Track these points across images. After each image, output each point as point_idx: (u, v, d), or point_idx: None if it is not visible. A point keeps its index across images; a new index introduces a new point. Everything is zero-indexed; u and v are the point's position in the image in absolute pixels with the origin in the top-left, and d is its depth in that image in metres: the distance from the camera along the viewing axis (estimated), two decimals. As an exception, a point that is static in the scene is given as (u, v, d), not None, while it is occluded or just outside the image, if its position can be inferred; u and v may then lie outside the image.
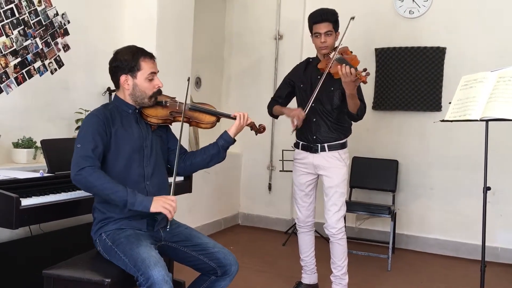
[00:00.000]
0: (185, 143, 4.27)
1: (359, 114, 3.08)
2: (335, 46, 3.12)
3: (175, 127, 2.55)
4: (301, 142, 3.26)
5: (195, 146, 4.72)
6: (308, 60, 3.34)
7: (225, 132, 2.50)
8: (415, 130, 4.74)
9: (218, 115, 2.50)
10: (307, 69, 3.27)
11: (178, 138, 2.54)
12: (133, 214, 2.25)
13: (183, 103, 2.42)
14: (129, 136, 2.30)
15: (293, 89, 3.34)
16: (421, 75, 4.63)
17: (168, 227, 2.20)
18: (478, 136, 3.35)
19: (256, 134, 2.64)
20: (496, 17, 4.43)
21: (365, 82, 2.81)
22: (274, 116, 3.43)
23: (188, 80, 2.47)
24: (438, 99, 4.59)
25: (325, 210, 3.19)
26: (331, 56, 3.01)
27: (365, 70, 2.80)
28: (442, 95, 4.58)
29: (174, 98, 2.47)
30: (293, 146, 3.37)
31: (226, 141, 2.49)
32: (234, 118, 2.50)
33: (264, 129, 2.60)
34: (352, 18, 3.03)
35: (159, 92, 2.37)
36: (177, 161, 2.30)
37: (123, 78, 2.32)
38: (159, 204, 2.15)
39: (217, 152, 2.48)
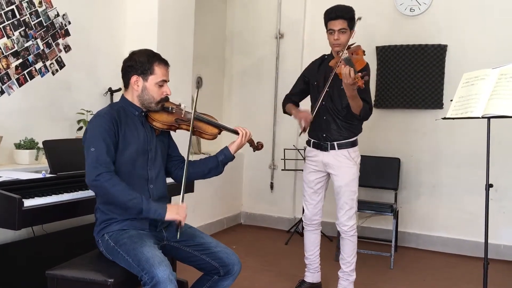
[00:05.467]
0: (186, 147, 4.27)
1: (362, 115, 3.07)
2: (349, 44, 3.09)
3: (176, 135, 2.57)
4: (312, 140, 3.27)
5: (197, 147, 4.73)
6: (323, 57, 3.32)
7: (226, 148, 2.51)
8: (416, 128, 4.74)
9: (221, 128, 2.52)
10: (321, 66, 3.25)
11: (177, 145, 2.58)
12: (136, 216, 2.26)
13: (189, 112, 2.43)
14: (135, 138, 2.31)
15: (307, 86, 3.32)
16: (422, 73, 4.63)
17: (178, 235, 2.22)
18: (480, 133, 3.34)
19: (254, 151, 2.67)
20: (497, 14, 4.42)
21: (361, 87, 2.78)
22: (288, 113, 3.39)
23: (196, 95, 2.48)
24: (439, 96, 4.58)
25: (337, 208, 3.20)
26: (340, 55, 2.99)
27: (365, 74, 2.76)
28: (443, 92, 4.58)
29: (179, 105, 2.48)
30: (295, 146, 3.38)
31: (226, 156, 2.50)
32: (236, 132, 2.50)
33: (262, 146, 2.63)
34: (359, 18, 3.04)
35: (166, 99, 2.38)
36: (186, 166, 2.33)
37: (134, 78, 2.31)
38: (173, 212, 2.19)
39: (216, 166, 2.50)
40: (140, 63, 2.29)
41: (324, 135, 3.17)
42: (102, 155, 2.15)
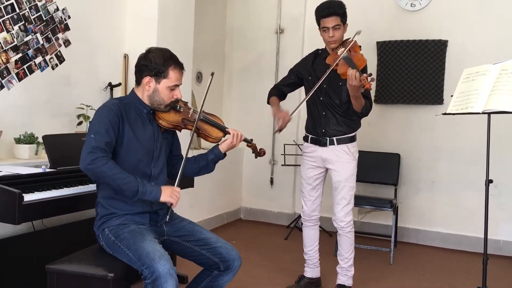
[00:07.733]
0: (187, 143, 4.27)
1: (364, 112, 3.07)
2: (344, 39, 3.07)
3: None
4: (310, 136, 3.26)
5: (197, 142, 4.73)
6: (317, 52, 3.29)
7: (216, 146, 2.50)
8: (417, 124, 4.74)
9: (226, 131, 2.50)
10: (315, 62, 3.23)
11: (181, 143, 2.60)
12: (136, 210, 2.26)
13: (196, 112, 2.43)
14: (142, 136, 2.30)
15: (298, 80, 3.31)
16: (422, 68, 4.62)
17: (167, 217, 2.23)
18: (481, 129, 3.34)
19: (256, 157, 2.70)
20: (498, 9, 4.41)
21: (369, 89, 2.78)
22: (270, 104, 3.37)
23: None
24: (440, 92, 4.58)
25: (334, 203, 3.20)
26: (339, 52, 2.95)
27: (370, 75, 2.75)
28: (444, 88, 4.57)
29: (187, 103, 2.47)
30: (295, 141, 3.38)
31: (216, 155, 2.50)
32: (228, 133, 2.50)
33: (264, 153, 2.68)
34: (358, 32, 2.95)
35: (176, 102, 2.37)
36: (185, 159, 2.33)
37: (146, 79, 2.29)
38: (167, 194, 2.20)
39: (206, 164, 2.51)
40: (155, 64, 2.26)
41: (323, 130, 3.16)
42: (101, 144, 2.14)
